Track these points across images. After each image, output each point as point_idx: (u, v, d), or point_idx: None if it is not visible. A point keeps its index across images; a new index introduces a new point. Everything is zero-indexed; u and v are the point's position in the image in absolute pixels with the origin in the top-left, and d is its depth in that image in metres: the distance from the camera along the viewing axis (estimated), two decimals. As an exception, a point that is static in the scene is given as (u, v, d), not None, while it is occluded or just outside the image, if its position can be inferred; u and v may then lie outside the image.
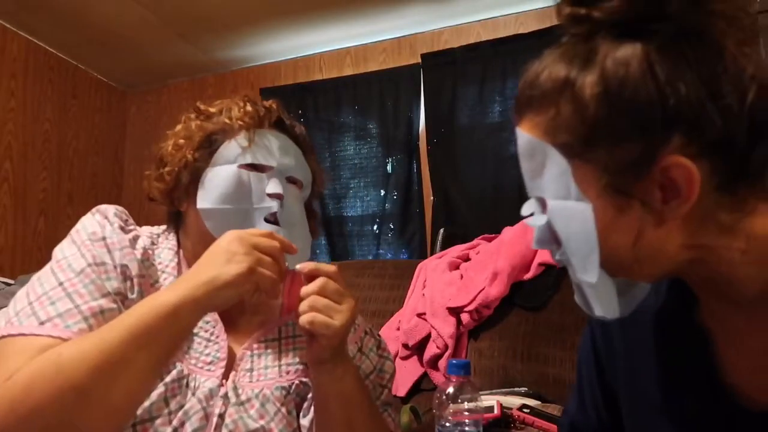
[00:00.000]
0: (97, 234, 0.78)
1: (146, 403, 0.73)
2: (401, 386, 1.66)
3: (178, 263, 0.86)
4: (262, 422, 0.78)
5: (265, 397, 0.80)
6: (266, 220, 0.83)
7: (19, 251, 2.63)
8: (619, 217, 0.50)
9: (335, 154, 2.80)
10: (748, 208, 0.50)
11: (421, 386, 1.66)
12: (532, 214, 0.57)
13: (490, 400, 1.21)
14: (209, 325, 0.83)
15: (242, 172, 0.84)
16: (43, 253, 2.71)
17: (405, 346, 1.70)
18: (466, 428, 0.74)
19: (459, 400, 0.76)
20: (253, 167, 0.84)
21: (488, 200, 2.38)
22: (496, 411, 1.16)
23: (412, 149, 2.65)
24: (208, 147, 0.85)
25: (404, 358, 1.71)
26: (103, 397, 0.62)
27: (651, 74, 0.46)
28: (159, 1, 2.41)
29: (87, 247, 0.76)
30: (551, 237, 0.55)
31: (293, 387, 0.83)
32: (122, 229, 0.82)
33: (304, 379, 0.84)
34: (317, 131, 2.80)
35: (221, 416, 0.77)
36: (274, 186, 0.83)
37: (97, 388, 0.61)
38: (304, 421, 0.82)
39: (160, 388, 0.75)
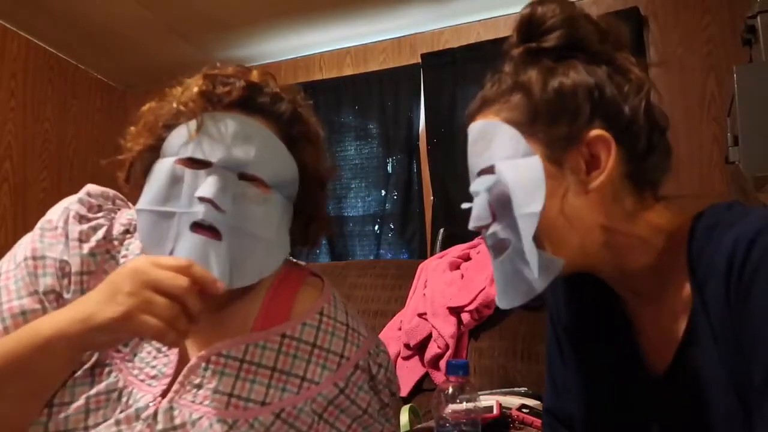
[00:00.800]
0: (53, 222, 0.72)
1: (62, 415, 0.65)
2: (403, 386, 1.66)
3: None
4: None
5: (202, 427, 0.66)
6: (198, 227, 0.67)
7: (19, 251, 2.63)
8: (552, 183, 0.61)
9: (336, 155, 2.79)
10: (648, 203, 0.63)
11: (423, 386, 1.66)
12: (470, 209, 0.67)
13: (489, 400, 1.21)
14: None
15: (178, 168, 0.69)
16: (44, 253, 2.71)
17: (406, 346, 1.70)
18: (465, 428, 0.74)
19: (458, 401, 0.76)
20: (192, 162, 0.69)
21: (488, 200, 2.38)
22: (495, 411, 1.16)
23: (412, 149, 2.64)
24: (160, 135, 0.73)
25: (406, 358, 1.71)
26: None
27: (583, 77, 0.61)
28: (159, 0, 2.41)
29: (36, 236, 0.72)
30: (489, 213, 0.64)
31: (237, 424, 0.68)
32: (81, 218, 0.74)
33: (251, 421, 0.69)
34: (317, 131, 2.80)
35: None
36: (205, 187, 0.66)
37: None
38: None
39: (80, 401, 0.66)
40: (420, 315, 1.70)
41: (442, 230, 2.28)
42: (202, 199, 0.66)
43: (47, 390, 0.65)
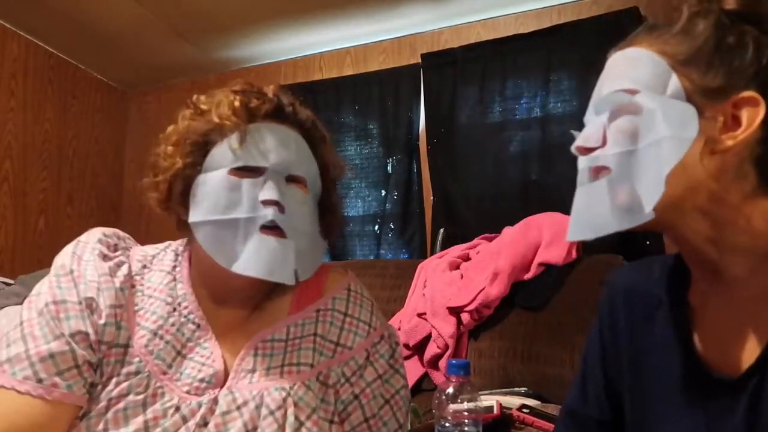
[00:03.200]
0: (66, 267, 0.76)
1: (122, 430, 0.69)
2: (401, 386, 1.66)
3: (173, 280, 0.81)
4: (250, 426, 0.71)
5: (262, 399, 0.73)
6: (264, 229, 0.74)
7: (19, 251, 2.63)
8: None
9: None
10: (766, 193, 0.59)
11: (422, 386, 1.66)
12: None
13: (489, 400, 1.21)
14: (206, 351, 0.77)
15: (232, 178, 0.75)
16: (44, 253, 2.71)
17: (406, 346, 1.70)
18: (466, 428, 0.74)
19: (459, 400, 0.76)
20: (245, 170, 0.76)
21: (488, 200, 2.38)
22: (495, 411, 1.16)
23: (412, 149, 2.64)
24: (199, 151, 0.78)
25: (405, 358, 1.71)
26: None
27: (755, 40, 0.58)
28: (159, 0, 2.41)
29: (52, 283, 0.75)
30: (601, 137, 0.62)
31: (294, 388, 0.75)
32: (104, 256, 0.78)
33: (307, 382, 0.76)
34: (317, 131, 2.80)
35: (205, 424, 0.71)
36: (268, 191, 0.74)
37: None
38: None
39: (139, 418, 0.70)
40: (419, 315, 1.70)
41: (442, 230, 2.29)
42: (267, 203, 0.74)
43: None
